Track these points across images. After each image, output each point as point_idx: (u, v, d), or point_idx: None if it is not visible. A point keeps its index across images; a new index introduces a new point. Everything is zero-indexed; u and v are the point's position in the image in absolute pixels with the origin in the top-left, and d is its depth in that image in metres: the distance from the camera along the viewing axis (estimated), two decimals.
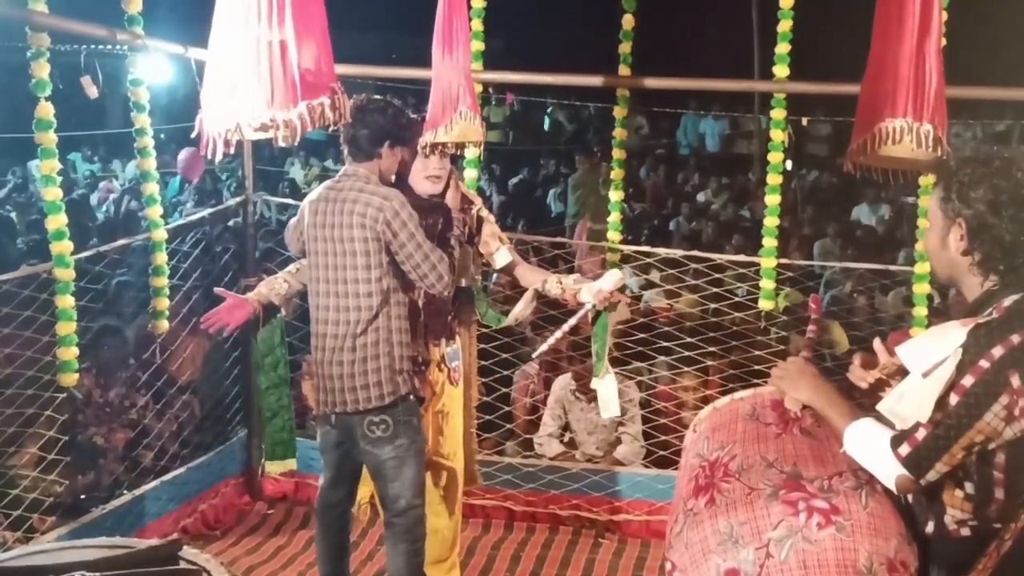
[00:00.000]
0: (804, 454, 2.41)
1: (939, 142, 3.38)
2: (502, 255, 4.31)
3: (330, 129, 3.64)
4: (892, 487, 2.33)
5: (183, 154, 11.84)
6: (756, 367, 5.58)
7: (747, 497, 2.33)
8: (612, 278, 4.09)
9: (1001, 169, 2.35)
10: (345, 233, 3.86)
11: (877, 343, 2.56)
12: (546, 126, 18.55)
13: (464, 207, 4.25)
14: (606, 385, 4.21)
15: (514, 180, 15.42)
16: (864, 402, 2.53)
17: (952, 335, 2.33)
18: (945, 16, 3.89)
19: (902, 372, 2.41)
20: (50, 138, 4.19)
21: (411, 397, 3.97)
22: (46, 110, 4.16)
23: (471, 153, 5.18)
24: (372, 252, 3.84)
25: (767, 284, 5.26)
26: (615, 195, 5.46)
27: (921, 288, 5.06)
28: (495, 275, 4.49)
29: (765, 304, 5.30)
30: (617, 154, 5.41)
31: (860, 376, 2.57)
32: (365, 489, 4.31)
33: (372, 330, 3.88)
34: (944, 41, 3.68)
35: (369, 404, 3.88)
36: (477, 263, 4.40)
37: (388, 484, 3.96)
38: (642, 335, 5.80)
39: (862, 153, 3.47)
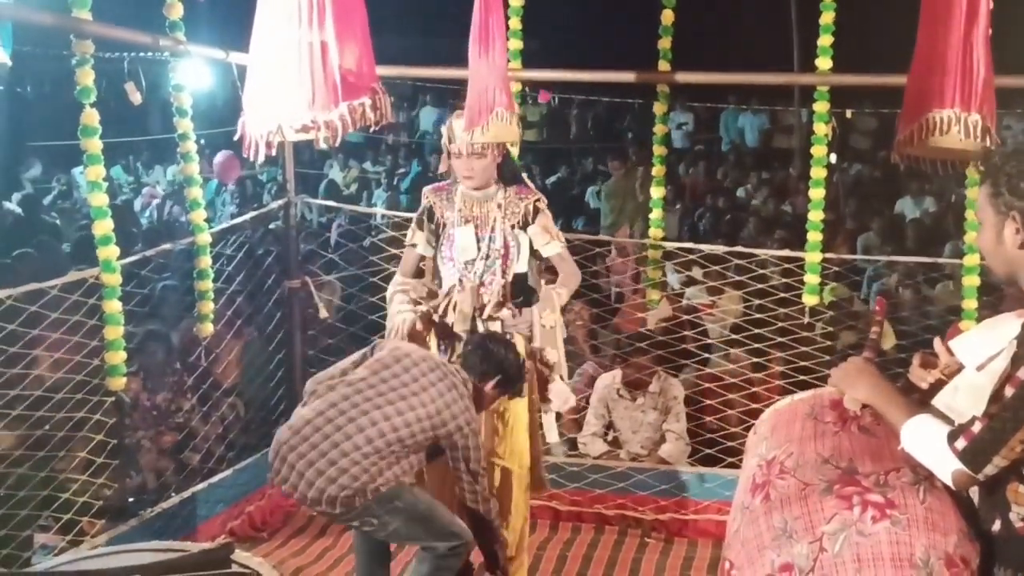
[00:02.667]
0: (861, 450, 2.38)
1: (988, 132, 3.34)
2: (551, 247, 4.37)
3: (371, 130, 3.64)
4: (949, 482, 2.29)
5: (219, 158, 11.95)
6: (803, 363, 5.53)
7: (801, 492, 2.31)
8: (562, 397, 4.42)
9: None
10: None
11: (937, 342, 2.51)
12: (584, 124, 18.49)
13: (521, 195, 4.35)
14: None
15: (552, 179, 15.40)
16: (925, 400, 2.49)
17: (1006, 327, 2.29)
18: (992, 3, 3.83)
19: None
20: (96, 144, 4.22)
21: None
22: (91, 117, 4.19)
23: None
24: None
25: (812, 279, 5.20)
26: (656, 192, 5.43)
27: (970, 281, 4.99)
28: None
29: (810, 299, 5.25)
30: (658, 151, 5.38)
31: (920, 376, 2.53)
32: None
33: None
34: (991, 29, 3.62)
35: None
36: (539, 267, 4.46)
37: None
38: (685, 332, 5.76)
39: (909, 144, 3.43)
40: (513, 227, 4.32)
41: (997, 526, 2.33)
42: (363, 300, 5.99)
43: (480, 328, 4.26)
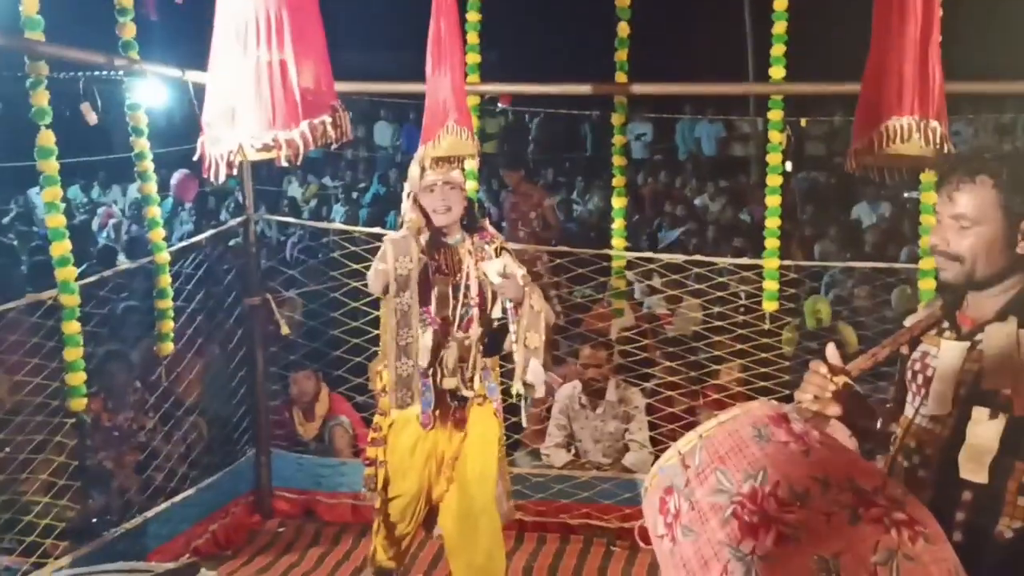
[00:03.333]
0: (847, 466, 2.15)
1: (945, 138, 3.38)
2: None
3: (332, 147, 3.64)
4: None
5: (176, 176, 11.90)
6: (763, 369, 5.60)
7: (828, 524, 2.02)
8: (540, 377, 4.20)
9: None
10: None
11: (831, 349, 2.42)
12: (544, 135, 18.52)
13: (486, 240, 4.28)
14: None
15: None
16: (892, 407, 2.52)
17: None
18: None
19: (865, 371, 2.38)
20: (52, 165, 4.20)
21: None
22: (47, 138, 4.17)
23: (468, 165, 5.21)
24: None
25: (770, 285, 5.27)
26: (617, 202, 5.47)
27: (926, 284, 5.06)
28: None
29: (768, 306, 5.31)
30: (617, 161, 5.41)
31: (821, 385, 2.38)
32: None
33: None
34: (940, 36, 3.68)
35: None
36: None
37: None
38: (646, 341, 5.81)
39: (868, 152, 3.44)
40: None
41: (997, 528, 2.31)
42: (324, 316, 5.98)
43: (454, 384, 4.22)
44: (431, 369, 4.16)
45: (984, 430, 2.32)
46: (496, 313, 4.26)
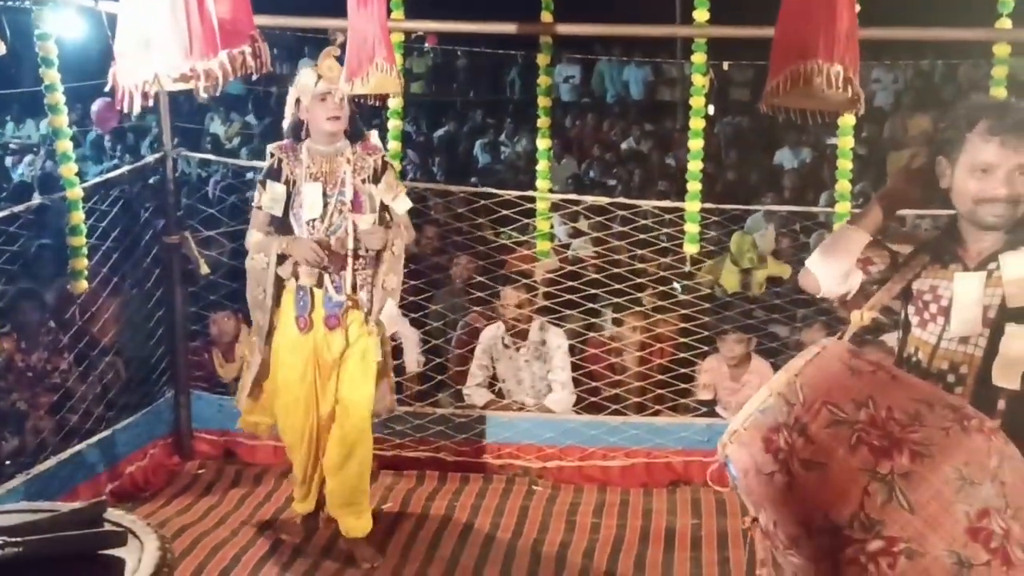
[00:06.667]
0: (927, 386, 2.39)
1: (849, 82, 3.40)
2: (401, 201, 4.44)
3: (253, 79, 3.56)
4: None
5: (97, 104, 11.65)
6: (683, 311, 5.66)
7: (948, 438, 2.20)
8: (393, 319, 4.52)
9: None
10: None
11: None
12: (472, 76, 18.37)
13: (368, 151, 4.42)
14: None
15: (439, 132, 15.30)
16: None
17: None
18: None
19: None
20: None
21: None
22: None
23: (393, 103, 5.16)
24: None
25: (691, 228, 5.31)
26: (542, 143, 5.45)
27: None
28: None
29: (689, 248, 5.35)
30: (542, 102, 5.38)
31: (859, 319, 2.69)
32: None
33: None
34: None
35: None
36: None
37: None
38: (570, 283, 5.83)
39: (776, 95, 3.47)
40: (364, 181, 4.38)
41: None
42: (245, 255, 5.89)
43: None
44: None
45: (1016, 343, 2.56)
46: (367, 222, 4.37)
